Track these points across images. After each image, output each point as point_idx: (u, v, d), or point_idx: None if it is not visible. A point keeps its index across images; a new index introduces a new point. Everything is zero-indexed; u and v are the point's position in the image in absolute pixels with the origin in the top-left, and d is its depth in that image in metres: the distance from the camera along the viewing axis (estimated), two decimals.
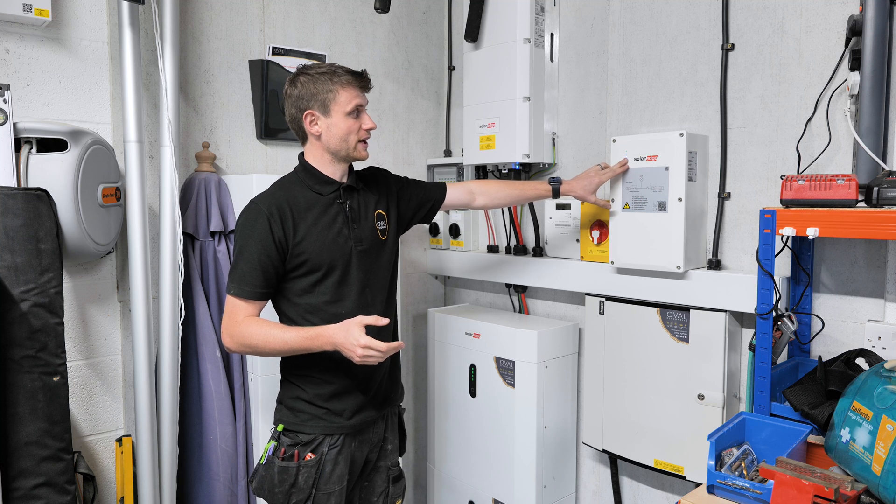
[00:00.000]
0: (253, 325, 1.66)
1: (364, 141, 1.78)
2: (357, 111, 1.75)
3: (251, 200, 1.73)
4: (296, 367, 1.77)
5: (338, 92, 1.71)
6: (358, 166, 1.91)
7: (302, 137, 1.79)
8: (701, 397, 2.07)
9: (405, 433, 2.03)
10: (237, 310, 1.67)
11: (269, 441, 1.77)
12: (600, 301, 2.34)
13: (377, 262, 1.83)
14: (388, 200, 1.91)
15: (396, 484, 1.95)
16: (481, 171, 2.80)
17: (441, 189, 2.07)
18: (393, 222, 1.91)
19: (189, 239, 2.19)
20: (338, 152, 1.75)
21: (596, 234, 2.35)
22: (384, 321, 1.62)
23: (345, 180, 1.80)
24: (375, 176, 1.94)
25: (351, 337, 1.57)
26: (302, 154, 1.81)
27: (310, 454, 1.72)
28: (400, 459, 2.00)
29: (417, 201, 2.00)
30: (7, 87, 1.78)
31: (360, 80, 1.75)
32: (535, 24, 2.47)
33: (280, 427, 1.76)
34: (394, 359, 1.91)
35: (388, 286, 1.87)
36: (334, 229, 1.74)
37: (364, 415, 1.80)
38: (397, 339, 1.95)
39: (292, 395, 1.77)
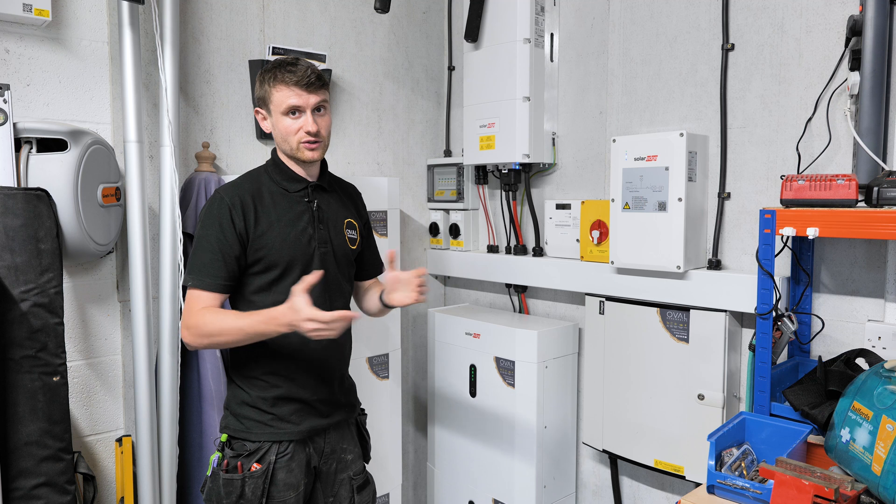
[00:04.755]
0: (208, 314, 1.59)
1: (308, 143, 1.66)
2: (294, 111, 1.65)
3: (216, 190, 1.70)
4: (242, 367, 1.70)
5: (270, 92, 1.66)
6: (340, 172, 1.87)
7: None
8: (701, 397, 2.07)
9: (367, 440, 1.92)
10: (195, 302, 1.60)
11: (214, 452, 1.69)
12: (600, 301, 2.34)
13: (340, 268, 1.77)
14: (357, 218, 1.88)
15: (362, 492, 1.86)
16: (481, 171, 2.80)
17: (376, 268, 1.97)
18: (361, 238, 1.86)
19: (189, 239, 2.18)
20: (285, 151, 1.72)
21: (596, 233, 2.35)
22: (317, 275, 1.54)
23: (313, 179, 1.76)
24: (352, 192, 1.91)
25: (294, 312, 1.49)
26: (275, 148, 1.78)
27: (255, 465, 1.64)
28: (366, 465, 1.92)
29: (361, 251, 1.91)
30: (7, 87, 1.78)
31: (294, 78, 1.63)
32: (535, 24, 2.48)
33: (224, 437, 1.69)
34: (343, 366, 1.84)
35: (348, 296, 1.82)
36: (298, 227, 1.70)
37: (313, 422, 1.73)
38: (344, 356, 1.84)
39: (238, 399, 1.71)
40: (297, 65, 1.65)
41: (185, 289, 2.11)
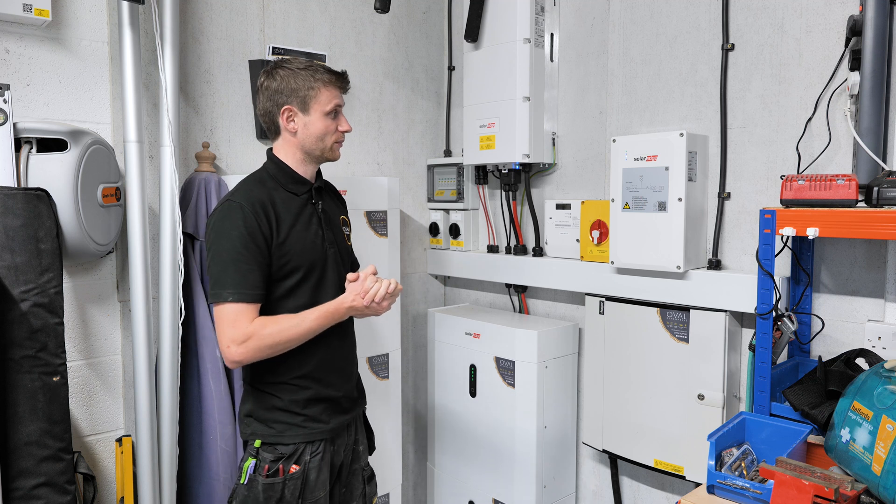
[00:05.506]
0: (267, 325, 1.59)
1: (339, 142, 1.76)
2: (335, 112, 1.72)
3: (226, 200, 1.65)
4: (267, 373, 1.70)
5: (319, 90, 1.69)
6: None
7: (274, 133, 1.74)
8: (701, 397, 2.07)
9: (372, 431, 1.99)
10: (242, 316, 1.57)
11: (248, 459, 1.68)
12: (600, 301, 2.35)
13: (345, 266, 1.82)
14: (346, 214, 1.93)
15: (371, 483, 1.93)
16: (481, 171, 2.81)
17: (356, 263, 1.99)
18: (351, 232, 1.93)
19: (189, 239, 2.19)
20: (312, 151, 1.73)
21: (596, 233, 2.36)
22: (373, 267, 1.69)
23: (314, 181, 1.78)
24: (335, 189, 1.95)
25: (364, 294, 1.62)
26: (271, 150, 1.77)
27: (294, 466, 1.67)
28: (370, 458, 1.97)
29: None
30: (7, 87, 1.78)
31: (341, 81, 1.73)
32: (535, 24, 2.48)
33: (258, 443, 1.68)
34: (353, 360, 1.88)
35: None
36: (311, 230, 1.72)
37: (341, 418, 1.78)
38: (355, 350, 1.90)
39: (266, 405, 1.70)
40: (333, 69, 1.74)
41: (182, 298, 2.14)
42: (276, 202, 1.67)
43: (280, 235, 1.65)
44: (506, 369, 2.45)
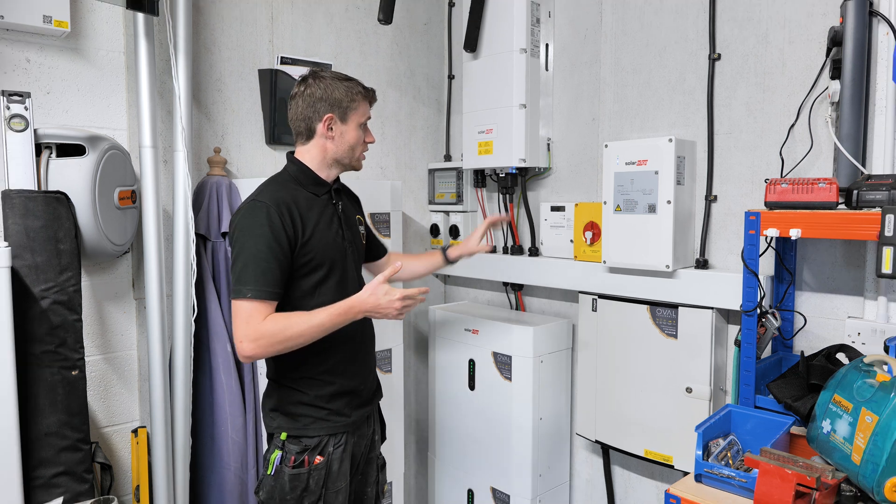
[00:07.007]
0: (279, 321, 1.59)
1: (364, 153, 1.83)
2: (365, 124, 1.80)
3: (252, 200, 1.66)
4: (293, 369, 1.72)
5: (360, 103, 1.75)
6: (344, 176, 1.95)
7: (306, 137, 1.75)
8: (689, 390, 2.11)
9: (384, 421, 2.03)
10: (257, 313, 1.57)
11: (273, 451, 1.71)
12: (593, 299, 2.38)
13: (359, 264, 1.87)
14: (361, 213, 1.99)
15: (383, 471, 1.99)
16: (480, 175, 2.83)
17: (384, 246, 2.14)
18: (366, 231, 1.98)
19: (201, 239, 2.23)
20: (341, 160, 1.77)
21: (589, 234, 2.39)
22: (399, 266, 1.73)
23: (333, 183, 1.83)
24: (349, 190, 2.00)
25: (384, 297, 1.63)
26: (292, 153, 1.79)
27: (318, 457, 1.70)
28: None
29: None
30: (28, 94, 1.82)
31: (372, 97, 1.81)
32: (531, 35, 2.52)
33: (283, 435, 1.71)
34: (373, 354, 1.93)
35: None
36: (332, 229, 1.75)
37: (362, 410, 1.82)
38: (374, 344, 1.93)
39: (291, 399, 1.72)
40: (365, 84, 1.80)
41: (195, 296, 2.18)
42: (300, 202, 1.69)
43: (305, 234, 1.67)
44: (503, 364, 2.48)
